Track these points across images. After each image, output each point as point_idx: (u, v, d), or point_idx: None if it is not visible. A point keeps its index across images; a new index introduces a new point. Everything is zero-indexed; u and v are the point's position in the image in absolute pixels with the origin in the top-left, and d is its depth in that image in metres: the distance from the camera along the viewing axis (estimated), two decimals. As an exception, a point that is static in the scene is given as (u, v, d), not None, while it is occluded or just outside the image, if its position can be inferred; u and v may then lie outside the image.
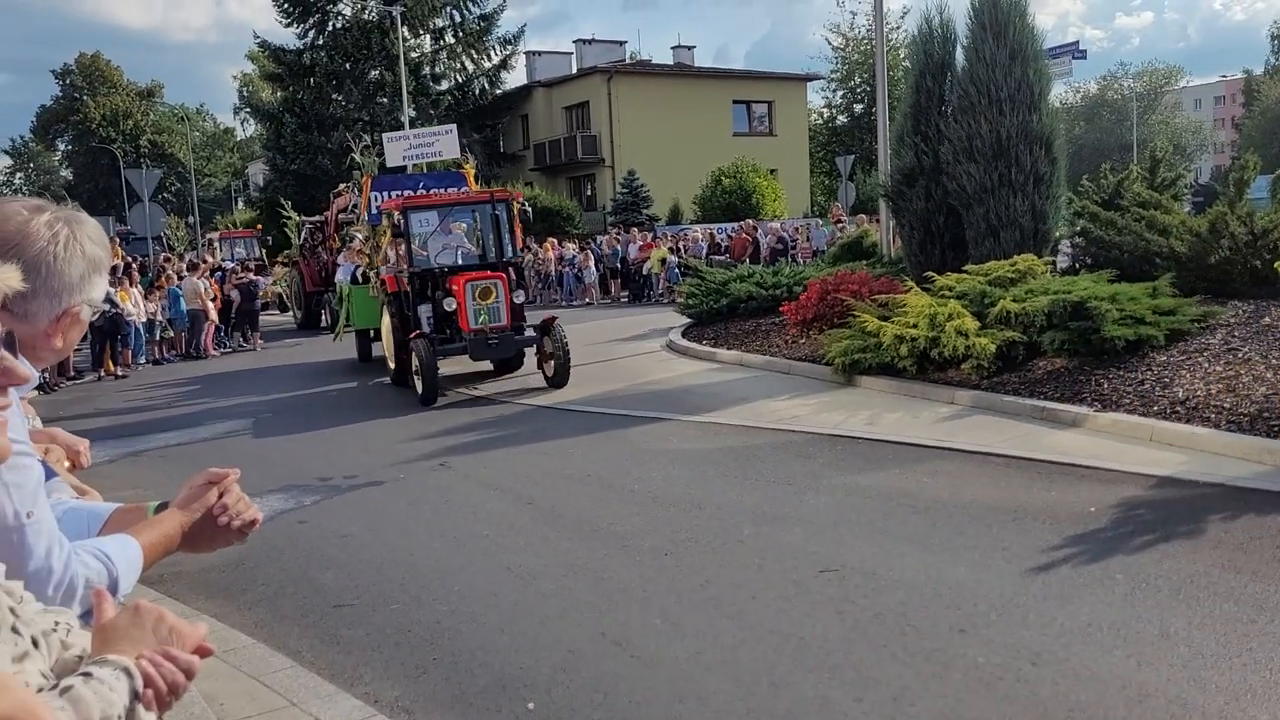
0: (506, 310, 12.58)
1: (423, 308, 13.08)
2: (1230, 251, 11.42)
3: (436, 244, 13.62)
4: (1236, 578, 5.27)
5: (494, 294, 12.49)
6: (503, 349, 12.74)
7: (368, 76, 42.68)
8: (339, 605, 5.83)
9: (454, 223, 13.95)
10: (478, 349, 12.51)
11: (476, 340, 12.40)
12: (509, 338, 12.62)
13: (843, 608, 5.24)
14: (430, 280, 13.17)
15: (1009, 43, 12.95)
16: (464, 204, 14.34)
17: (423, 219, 13.67)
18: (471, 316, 12.39)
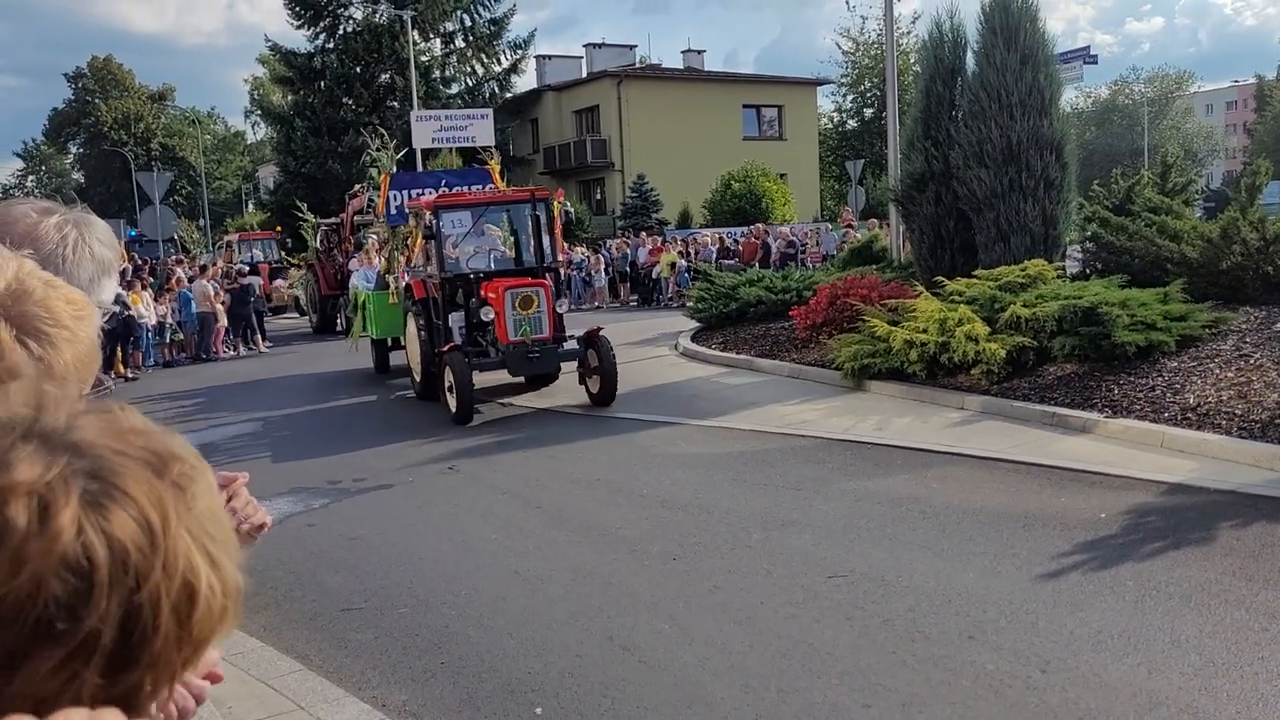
0: (549, 320, 11.37)
1: (454, 316, 12.03)
2: (1242, 257, 11.37)
3: (468, 247, 12.76)
4: (1248, 585, 5.24)
5: (536, 303, 11.28)
6: (544, 363, 11.54)
7: (378, 80, 42.76)
8: (347, 609, 5.84)
9: (486, 224, 13.16)
10: (517, 363, 11.33)
11: (516, 353, 11.19)
12: (551, 351, 11.42)
13: (852, 613, 5.22)
14: (462, 287, 12.15)
15: (1020, 48, 12.93)
16: (501, 203, 13.38)
17: (455, 219, 12.69)
18: (511, 327, 11.18)
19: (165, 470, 0.69)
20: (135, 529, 0.65)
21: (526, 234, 12.86)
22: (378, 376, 15.37)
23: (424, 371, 12.43)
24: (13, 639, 0.61)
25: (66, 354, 1.48)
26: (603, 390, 11.32)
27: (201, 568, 0.68)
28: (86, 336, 1.54)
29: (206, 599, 0.68)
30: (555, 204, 12.81)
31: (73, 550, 0.62)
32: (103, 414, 0.71)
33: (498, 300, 11.29)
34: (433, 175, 16.32)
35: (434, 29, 43.85)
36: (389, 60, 42.19)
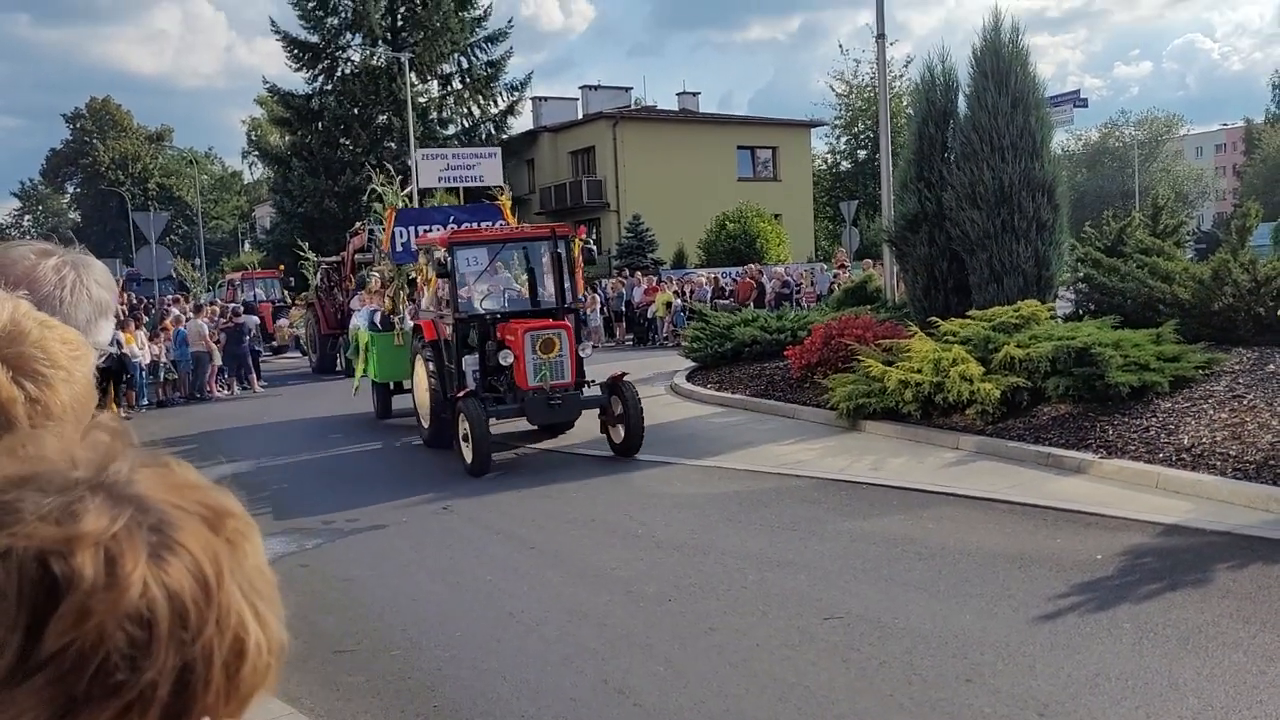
0: (571, 365, 10.72)
1: (468, 360, 11.28)
2: (1234, 298, 11.44)
3: (481, 287, 12.13)
4: (1245, 628, 5.22)
5: (557, 346, 10.59)
6: (566, 411, 10.82)
7: (375, 121, 43.08)
8: (339, 651, 5.78)
9: (499, 262, 12.69)
10: (537, 410, 10.61)
11: (536, 400, 10.50)
12: (574, 397, 10.75)
13: (848, 656, 5.19)
14: (477, 328, 11.43)
15: (1011, 91, 13.08)
16: (520, 240, 12.69)
17: (470, 257, 12.08)
18: (531, 372, 10.49)
19: (220, 526, 0.70)
20: (193, 582, 0.66)
21: (544, 273, 12.40)
22: (379, 421, 14.76)
23: (434, 418, 11.78)
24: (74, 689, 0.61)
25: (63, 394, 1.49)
26: (628, 440, 10.63)
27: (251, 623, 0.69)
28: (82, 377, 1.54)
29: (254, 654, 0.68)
30: (576, 242, 12.12)
31: (137, 602, 0.63)
32: (159, 467, 0.72)
33: (517, 343, 10.60)
34: (440, 211, 15.58)
35: (431, 71, 44.26)
36: (386, 101, 42.53)
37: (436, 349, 11.83)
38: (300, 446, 13.36)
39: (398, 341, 13.93)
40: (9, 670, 0.61)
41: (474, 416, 10.13)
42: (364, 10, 41.82)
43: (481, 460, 10.12)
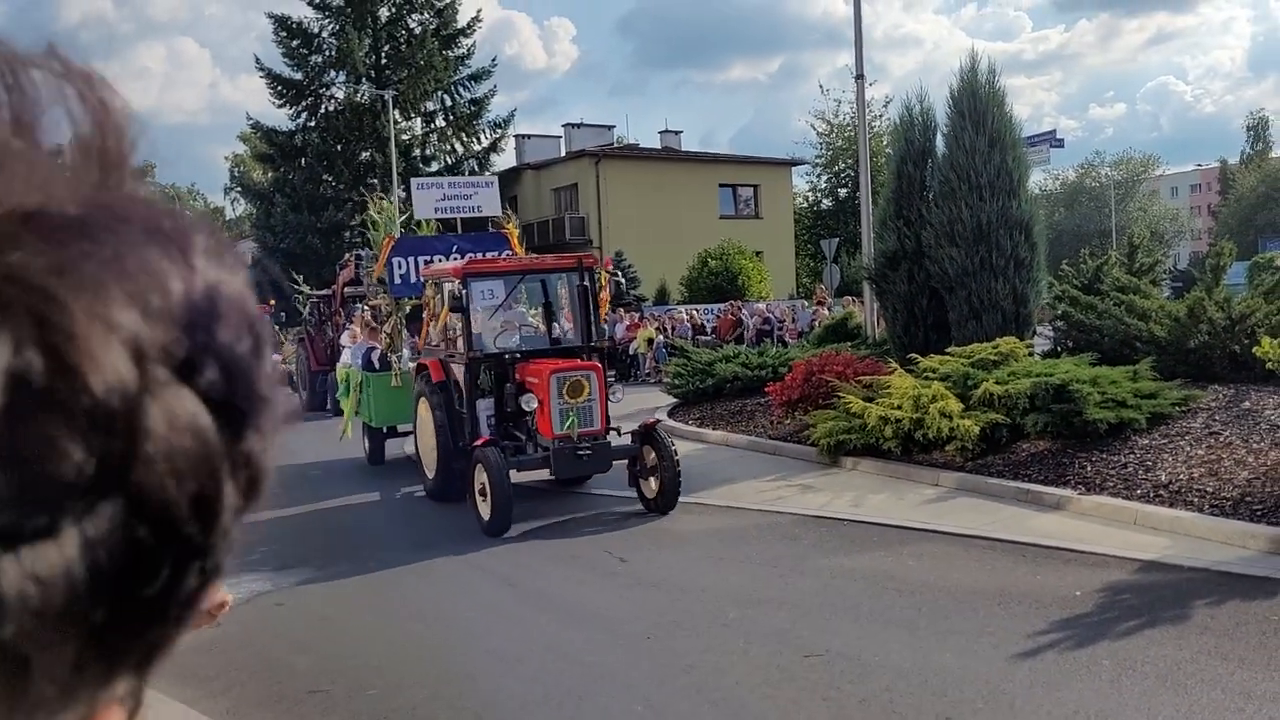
0: (601, 411, 9.64)
1: (483, 404, 10.28)
2: (1209, 336, 11.56)
3: (494, 322, 11.04)
4: (1223, 664, 5.23)
5: (586, 390, 9.50)
6: (596, 462, 9.60)
7: (359, 157, 43.22)
8: (314, 691, 5.71)
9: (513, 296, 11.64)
10: (565, 462, 9.44)
11: (563, 451, 9.34)
12: (604, 447, 9.58)
13: (828, 694, 5.16)
14: (493, 369, 10.40)
15: (988, 131, 13.26)
16: (541, 271, 11.54)
17: (486, 289, 10.95)
18: (557, 419, 9.38)
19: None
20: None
21: (561, 307, 11.56)
22: (372, 467, 13.75)
23: (442, 468, 10.60)
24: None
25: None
26: (663, 494, 9.56)
27: None
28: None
29: None
30: (603, 273, 11.07)
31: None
32: None
33: (541, 386, 9.52)
34: (443, 240, 14.33)
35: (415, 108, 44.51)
36: (370, 138, 42.72)
37: (445, 391, 10.69)
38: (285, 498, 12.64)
39: (395, 382, 12.88)
40: None
41: (494, 469, 8.99)
42: (348, 48, 42.08)
43: (502, 518, 9.01)
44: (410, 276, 13.29)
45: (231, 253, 0.46)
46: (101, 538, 0.38)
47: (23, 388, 0.36)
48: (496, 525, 9.03)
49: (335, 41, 42.94)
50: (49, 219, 0.39)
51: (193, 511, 0.41)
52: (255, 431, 0.44)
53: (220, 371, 0.41)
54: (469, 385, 10.31)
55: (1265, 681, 4.98)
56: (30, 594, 0.36)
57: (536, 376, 9.70)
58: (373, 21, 43.49)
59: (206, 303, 0.42)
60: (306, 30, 43.38)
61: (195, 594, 0.43)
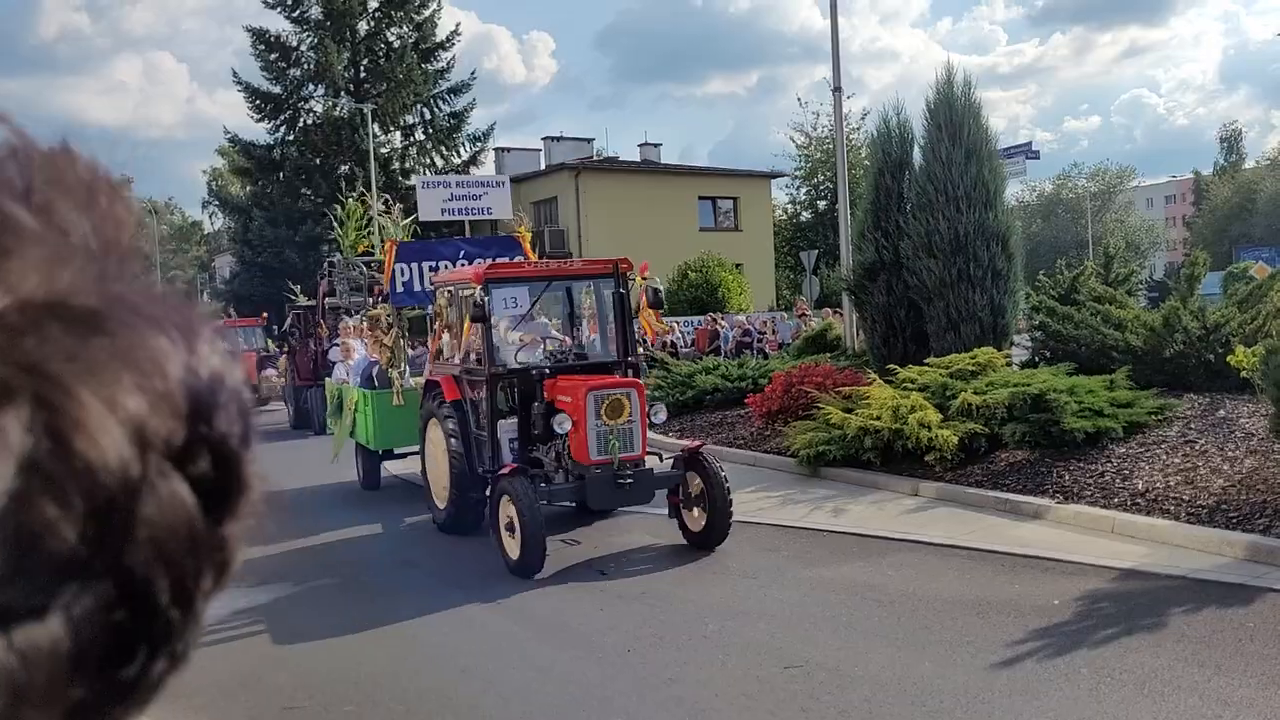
0: (642, 433, 8.59)
1: (504, 425, 9.25)
2: (1184, 345, 11.66)
3: (514, 334, 10.06)
4: (1200, 671, 5.25)
5: (627, 410, 8.45)
6: (638, 492, 8.51)
7: (337, 171, 43.07)
8: (289, 707, 5.65)
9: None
10: (602, 491, 8.39)
11: (600, 478, 8.31)
12: (647, 475, 8.56)
13: (807, 705, 5.14)
14: (516, 386, 9.31)
15: (964, 143, 13.35)
16: (572, 277, 10.38)
17: (508, 297, 9.93)
18: (594, 443, 8.35)
19: None
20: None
21: (586, 317, 10.64)
22: (367, 494, 12.69)
23: (456, 497, 9.51)
24: None
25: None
26: (710, 528, 8.50)
27: None
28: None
29: None
30: (638, 279, 9.85)
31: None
32: None
33: (575, 405, 8.46)
34: (449, 244, 13.23)
35: (394, 122, 44.46)
36: (349, 152, 42.63)
37: (460, 411, 9.61)
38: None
39: (397, 400, 11.71)
40: None
41: (524, 502, 7.91)
42: (327, 62, 42.00)
43: (533, 556, 7.91)
44: (414, 284, 12.29)
45: (232, 343, 0.47)
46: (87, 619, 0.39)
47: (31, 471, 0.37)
48: (527, 565, 7.90)
49: (314, 55, 42.86)
50: (69, 309, 0.40)
51: (173, 596, 0.42)
52: (234, 519, 0.45)
53: (212, 460, 0.43)
54: (490, 405, 9.18)
55: (1242, 688, 5.00)
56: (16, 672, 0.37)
57: (570, 395, 8.62)
58: (351, 35, 43.45)
59: (208, 392, 0.43)
60: (285, 44, 43.30)
61: (164, 676, 0.43)
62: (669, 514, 8.82)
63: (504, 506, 8.19)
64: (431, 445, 10.10)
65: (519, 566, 7.97)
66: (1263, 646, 5.55)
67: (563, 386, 8.85)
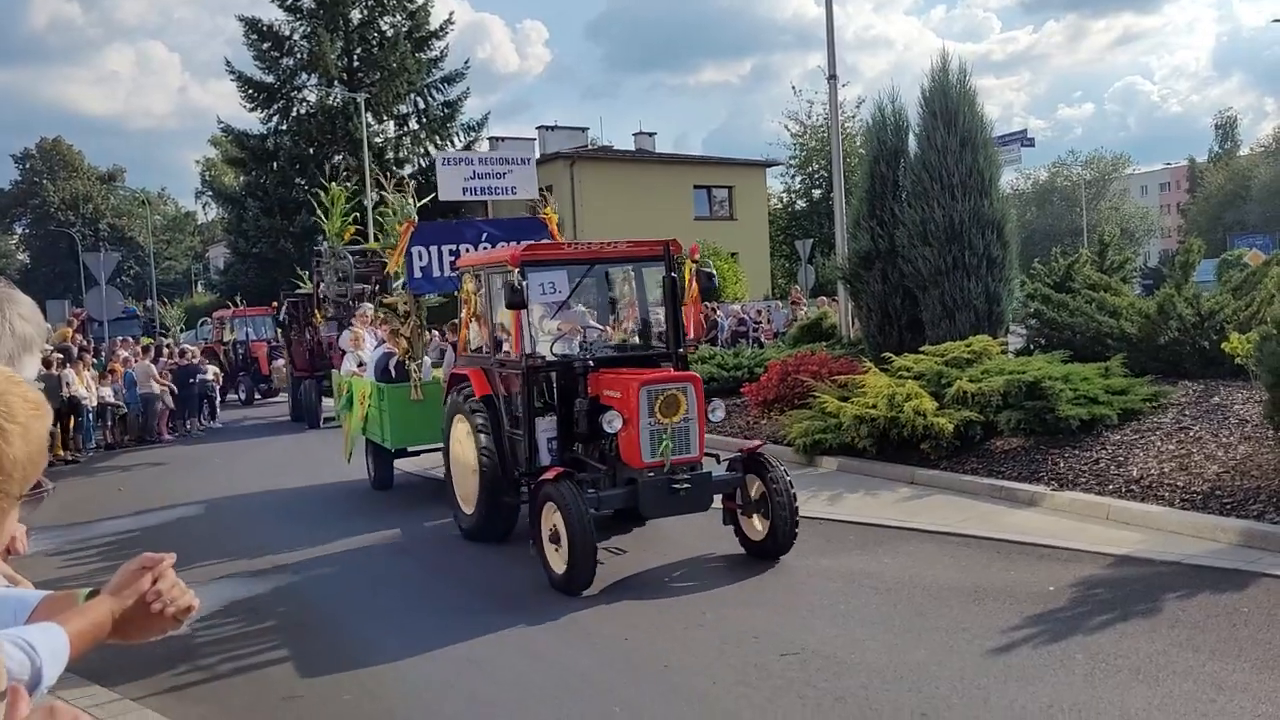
0: (700, 433, 7.79)
1: (543, 423, 8.39)
2: (1179, 332, 11.68)
3: (550, 323, 9.18)
4: (1195, 656, 5.28)
5: (683, 406, 7.66)
6: (695, 499, 7.66)
7: (331, 160, 42.99)
8: (288, 697, 5.66)
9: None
10: (656, 498, 7.54)
11: (655, 484, 7.50)
12: (704, 479, 7.73)
13: (804, 692, 5.17)
14: (555, 380, 8.44)
15: (959, 130, 13.34)
16: (618, 260, 9.30)
17: (545, 282, 8.96)
18: (647, 443, 7.55)
19: None
20: None
21: (626, 303, 9.87)
22: (380, 495, 11.93)
23: (486, 501, 8.74)
24: None
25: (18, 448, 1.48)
26: (774, 536, 7.69)
27: None
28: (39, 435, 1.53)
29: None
30: (688, 263, 8.98)
31: None
32: None
33: (626, 401, 7.64)
34: (470, 226, 12.25)
35: (388, 111, 44.35)
36: (342, 141, 42.53)
37: (492, 408, 8.82)
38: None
39: (415, 395, 10.98)
40: None
41: (573, 511, 7.10)
42: (320, 51, 41.87)
43: (583, 571, 7.11)
44: (433, 269, 11.44)
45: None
46: None
47: None
48: (576, 580, 7.12)
49: (306, 44, 42.73)
50: None
51: None
52: None
53: None
54: (527, 400, 8.33)
55: (1236, 672, 5.03)
56: None
57: (619, 389, 7.79)
58: (344, 24, 43.31)
59: None
60: (277, 33, 43.17)
61: None
62: (724, 520, 8.03)
63: (548, 514, 7.39)
64: (458, 444, 9.29)
65: (565, 581, 7.16)
66: (1256, 631, 5.58)
67: (610, 380, 8.03)
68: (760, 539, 7.82)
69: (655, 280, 8.97)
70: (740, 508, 7.93)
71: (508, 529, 8.84)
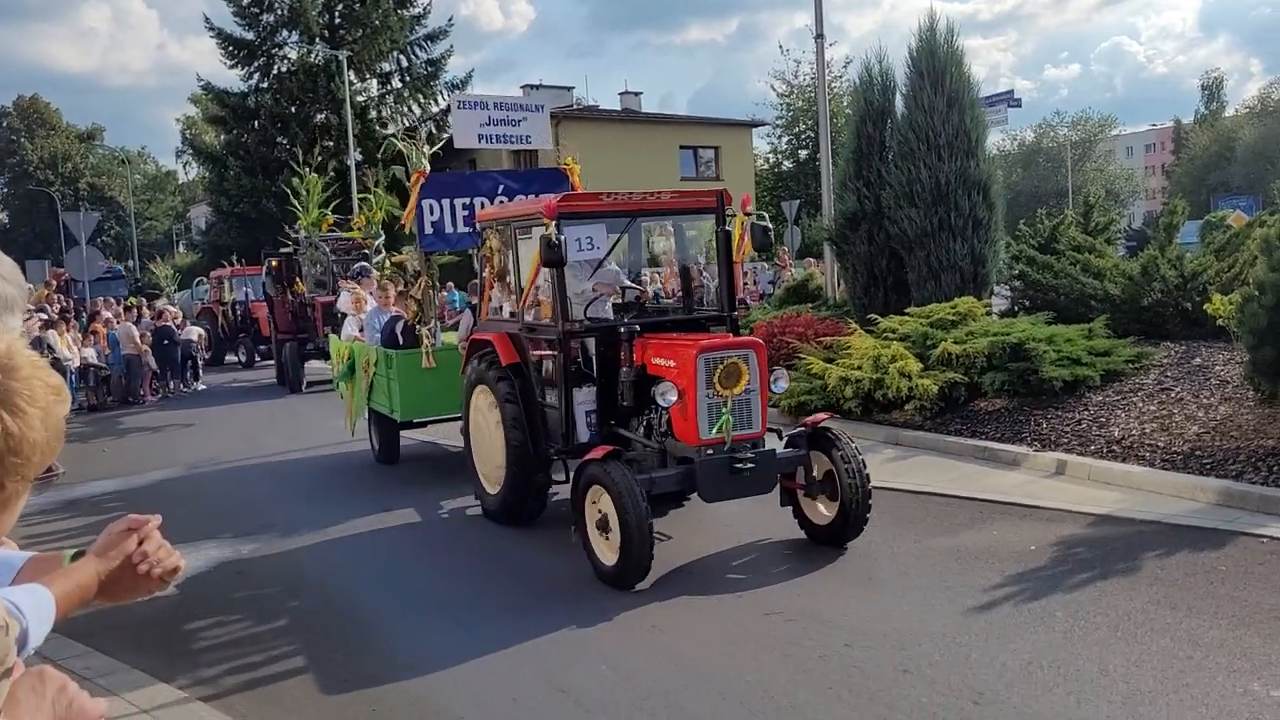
0: (763, 405, 6.95)
1: (581, 394, 7.59)
2: (1162, 294, 11.74)
3: (584, 283, 8.24)
4: (1172, 614, 5.36)
5: (745, 376, 6.78)
6: (760, 480, 6.83)
7: (313, 120, 42.50)
8: (276, 657, 5.69)
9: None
10: (716, 480, 6.68)
11: (714, 463, 6.66)
12: (768, 458, 6.89)
13: (789, 650, 5.22)
14: (595, 346, 7.64)
15: (946, 90, 13.28)
16: (662, 213, 8.45)
17: (582, 237, 7.91)
18: (705, 418, 6.70)
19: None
20: None
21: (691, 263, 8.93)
22: (387, 470, 11.04)
23: (514, 481, 7.96)
24: None
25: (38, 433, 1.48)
26: (843, 519, 6.94)
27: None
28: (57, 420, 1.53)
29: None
30: (739, 218, 8.02)
31: None
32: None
33: (682, 370, 6.79)
34: (486, 177, 11.32)
35: (370, 69, 43.80)
36: (324, 100, 42.02)
37: (521, 378, 8.00)
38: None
39: (427, 362, 10.06)
40: None
41: (627, 496, 6.27)
42: (301, 7, 41.25)
43: (639, 562, 6.33)
44: (445, 225, 10.52)
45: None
46: None
47: None
48: (630, 573, 6.36)
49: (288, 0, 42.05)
50: None
51: None
52: None
53: None
54: (564, 370, 7.48)
55: (1212, 629, 5.11)
56: None
57: (672, 357, 6.96)
58: (325, -21, 42.63)
59: None
60: (257, -12, 42.45)
61: None
62: (781, 502, 7.22)
63: (594, 498, 6.63)
64: (480, 417, 8.44)
65: (616, 574, 6.41)
66: (1233, 589, 5.67)
67: (659, 347, 7.18)
68: (825, 523, 7.06)
69: (699, 235, 8.26)
70: (803, 488, 7.14)
71: (537, 510, 8.16)
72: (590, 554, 6.66)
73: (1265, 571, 5.93)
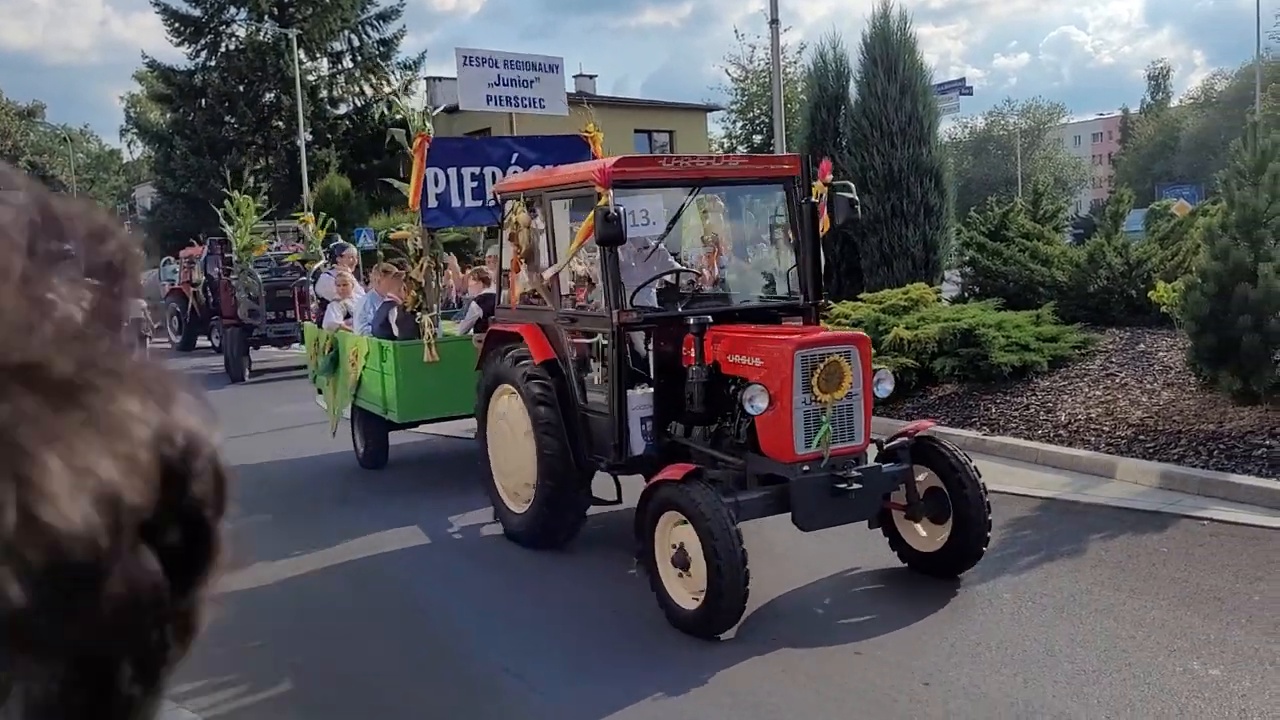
0: (865, 414, 5.86)
1: (637, 397, 6.35)
2: (1108, 281, 11.95)
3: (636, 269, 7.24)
4: (1115, 595, 5.48)
5: (847, 377, 5.70)
6: (865, 502, 5.69)
7: (262, 99, 41.78)
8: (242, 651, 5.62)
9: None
10: (816, 503, 5.57)
11: (813, 484, 5.55)
12: (874, 475, 5.77)
13: (741, 634, 5.27)
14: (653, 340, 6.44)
15: (899, 78, 13.40)
16: (729, 181, 7.19)
17: (639, 210, 7.07)
18: (801, 428, 5.59)
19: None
20: None
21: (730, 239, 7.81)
22: (373, 475, 9.64)
23: (548, 498, 6.70)
24: None
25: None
26: (956, 547, 5.83)
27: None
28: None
29: None
30: (817, 185, 6.78)
31: None
32: None
33: (771, 371, 5.67)
34: (497, 144, 10.06)
35: (321, 48, 43.08)
36: (274, 79, 41.32)
37: (559, 377, 6.76)
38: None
39: (430, 356, 8.64)
40: None
41: (717, 527, 5.10)
42: (249, -17, 40.47)
43: (730, 607, 5.19)
44: (451, 198, 9.28)
45: (208, 407, 0.45)
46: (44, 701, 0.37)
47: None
48: (718, 618, 5.21)
49: (235, -24, 41.25)
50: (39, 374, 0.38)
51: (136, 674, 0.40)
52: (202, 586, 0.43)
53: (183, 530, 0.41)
54: (618, 367, 6.25)
55: (1154, 609, 5.24)
56: None
57: (759, 355, 5.79)
58: (274, -44, 41.85)
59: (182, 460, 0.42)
60: (203, -36, 41.58)
61: None
62: (871, 525, 6.04)
63: (667, 527, 5.47)
64: (502, 423, 7.23)
65: (701, 620, 5.23)
66: (1174, 570, 5.81)
67: (739, 342, 5.97)
68: (934, 549, 5.92)
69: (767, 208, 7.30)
70: (905, 508, 6.01)
71: (572, 531, 6.92)
72: (662, 595, 5.48)
73: (1205, 553, 6.09)
